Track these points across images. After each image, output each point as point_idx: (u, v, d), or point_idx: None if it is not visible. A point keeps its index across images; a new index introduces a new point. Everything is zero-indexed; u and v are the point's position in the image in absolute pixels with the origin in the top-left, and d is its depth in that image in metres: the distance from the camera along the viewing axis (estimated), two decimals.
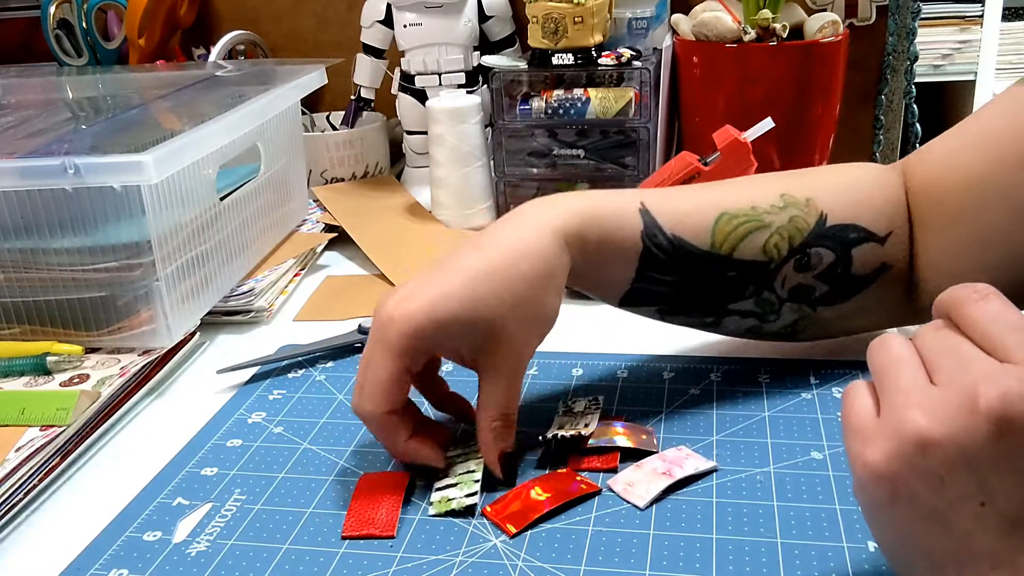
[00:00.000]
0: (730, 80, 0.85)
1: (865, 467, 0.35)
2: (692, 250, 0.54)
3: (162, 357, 0.66)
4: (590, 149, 0.90)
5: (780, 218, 0.55)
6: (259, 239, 0.82)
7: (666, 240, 0.54)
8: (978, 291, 0.36)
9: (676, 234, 0.54)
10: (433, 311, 0.48)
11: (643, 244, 0.54)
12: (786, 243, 0.55)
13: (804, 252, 0.55)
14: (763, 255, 0.55)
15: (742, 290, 0.56)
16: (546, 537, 0.46)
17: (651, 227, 0.54)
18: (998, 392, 0.32)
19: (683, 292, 0.56)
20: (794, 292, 0.56)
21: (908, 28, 0.97)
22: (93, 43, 1.18)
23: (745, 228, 0.55)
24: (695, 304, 0.57)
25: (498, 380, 0.50)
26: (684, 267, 0.55)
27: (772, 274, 0.56)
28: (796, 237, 0.55)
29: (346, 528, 0.48)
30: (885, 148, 1.03)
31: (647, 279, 0.55)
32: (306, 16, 1.18)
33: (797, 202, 0.56)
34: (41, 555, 0.48)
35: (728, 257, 0.55)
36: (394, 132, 1.11)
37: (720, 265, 0.55)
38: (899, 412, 0.34)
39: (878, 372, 0.36)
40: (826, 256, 0.55)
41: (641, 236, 0.54)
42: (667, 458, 0.51)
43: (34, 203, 0.63)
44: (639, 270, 0.54)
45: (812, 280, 0.56)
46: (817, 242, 0.55)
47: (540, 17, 0.85)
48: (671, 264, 0.55)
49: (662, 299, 0.57)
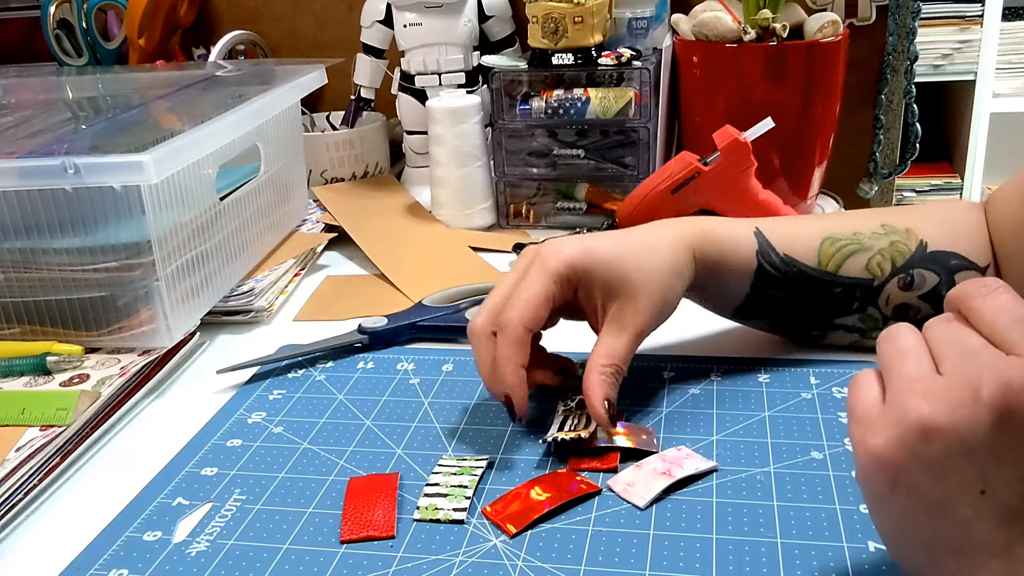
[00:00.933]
0: (730, 80, 0.85)
1: (867, 453, 0.35)
2: (802, 268, 0.59)
3: (162, 357, 0.66)
4: (590, 149, 0.90)
5: (881, 242, 0.59)
6: (259, 239, 0.82)
7: (778, 259, 0.59)
8: (987, 285, 0.36)
9: (787, 253, 0.59)
10: (590, 250, 0.54)
11: (758, 261, 0.59)
12: (889, 263, 0.58)
13: (908, 272, 0.58)
14: (867, 273, 0.58)
15: (848, 305, 0.59)
16: (546, 537, 0.46)
17: (765, 247, 0.59)
18: (1001, 383, 0.32)
19: (792, 306, 0.60)
20: (898, 311, 0.59)
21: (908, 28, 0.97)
22: (93, 43, 1.18)
23: (848, 249, 0.59)
24: (803, 318, 0.61)
25: (620, 334, 0.54)
26: (794, 283, 0.59)
27: (876, 291, 0.59)
28: (898, 259, 0.58)
29: (344, 533, 0.48)
30: (885, 148, 1.03)
31: (760, 294, 0.59)
32: (306, 16, 1.18)
33: (897, 230, 0.59)
34: (41, 555, 0.48)
35: (834, 274, 0.59)
36: (394, 132, 1.11)
37: (827, 281, 0.59)
38: (903, 400, 0.34)
39: (885, 361, 0.37)
40: (930, 278, 0.58)
41: (756, 254, 0.59)
42: (667, 458, 0.51)
43: (34, 203, 0.63)
44: (753, 285, 0.59)
45: (916, 300, 0.59)
46: (920, 264, 0.58)
47: (540, 17, 0.86)
48: (783, 281, 0.59)
49: (772, 313, 0.61)
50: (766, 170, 0.81)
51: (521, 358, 0.53)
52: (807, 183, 0.90)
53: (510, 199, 0.93)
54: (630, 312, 0.54)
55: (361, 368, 0.65)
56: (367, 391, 0.62)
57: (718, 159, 0.75)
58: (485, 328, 0.54)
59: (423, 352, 0.67)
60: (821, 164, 0.90)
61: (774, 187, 0.79)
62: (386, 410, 0.59)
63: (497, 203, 0.93)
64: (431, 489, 0.50)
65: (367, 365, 0.66)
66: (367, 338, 0.68)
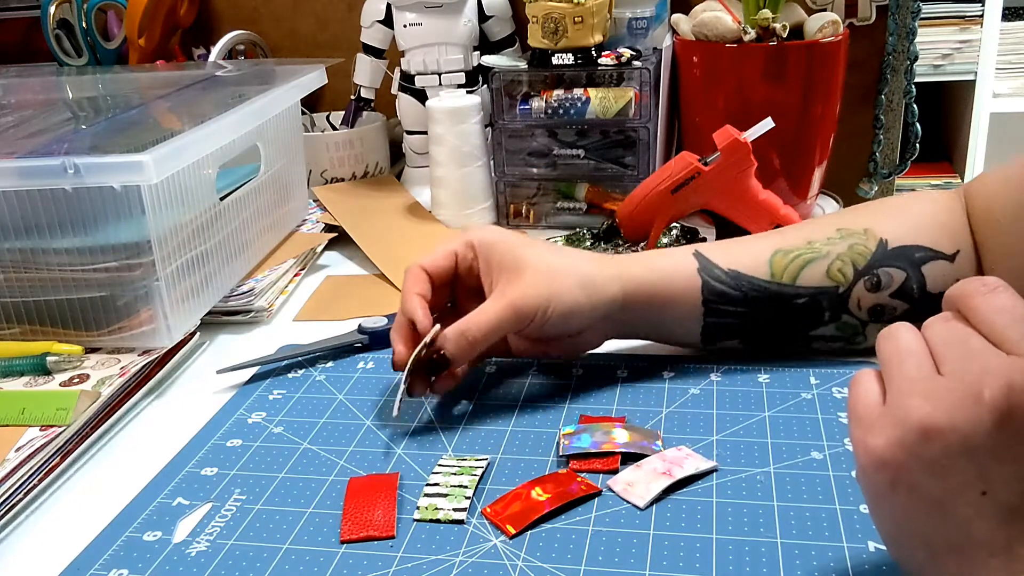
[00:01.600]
0: (730, 80, 0.85)
1: (867, 453, 0.35)
2: (753, 281, 0.58)
3: (162, 357, 0.66)
4: (590, 149, 0.90)
5: (839, 247, 0.58)
6: (259, 239, 0.82)
7: (723, 273, 0.58)
8: (987, 284, 0.36)
9: (732, 268, 0.58)
10: (505, 233, 0.59)
11: (700, 279, 0.58)
12: (850, 267, 0.57)
13: (872, 273, 0.57)
14: (829, 280, 0.58)
15: (819, 316, 0.58)
16: (546, 537, 0.46)
17: (706, 264, 0.59)
18: (1002, 383, 0.32)
19: (757, 322, 0.59)
20: (873, 313, 0.58)
21: (908, 28, 0.97)
22: (93, 43, 1.18)
23: (802, 260, 0.58)
24: (773, 334, 0.60)
25: (492, 302, 0.56)
26: (749, 297, 0.58)
27: (844, 298, 0.58)
28: (859, 261, 0.57)
29: (345, 533, 0.48)
30: (885, 148, 1.03)
31: (716, 312, 0.59)
32: (306, 16, 1.18)
33: (855, 232, 0.58)
34: (41, 555, 0.48)
35: (792, 285, 0.58)
36: (394, 132, 1.11)
37: (786, 294, 0.58)
38: (903, 400, 0.34)
39: (885, 361, 0.37)
40: (896, 275, 0.57)
41: (697, 271, 0.58)
42: (667, 458, 0.51)
43: (34, 203, 0.63)
44: (705, 303, 0.58)
45: (888, 299, 0.58)
46: (884, 262, 0.57)
47: (540, 17, 0.85)
48: (736, 296, 0.58)
49: (739, 332, 0.60)
50: (766, 170, 0.81)
51: (416, 287, 0.58)
52: (807, 183, 0.90)
53: (510, 199, 0.93)
54: (511, 286, 0.56)
55: (361, 368, 0.65)
56: (367, 391, 0.62)
57: (718, 159, 0.75)
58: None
59: None
60: (821, 164, 0.90)
61: (774, 187, 0.79)
62: (386, 410, 0.59)
63: (497, 203, 0.93)
64: (431, 489, 0.50)
65: (367, 365, 0.66)
66: (367, 338, 0.68)
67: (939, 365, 0.35)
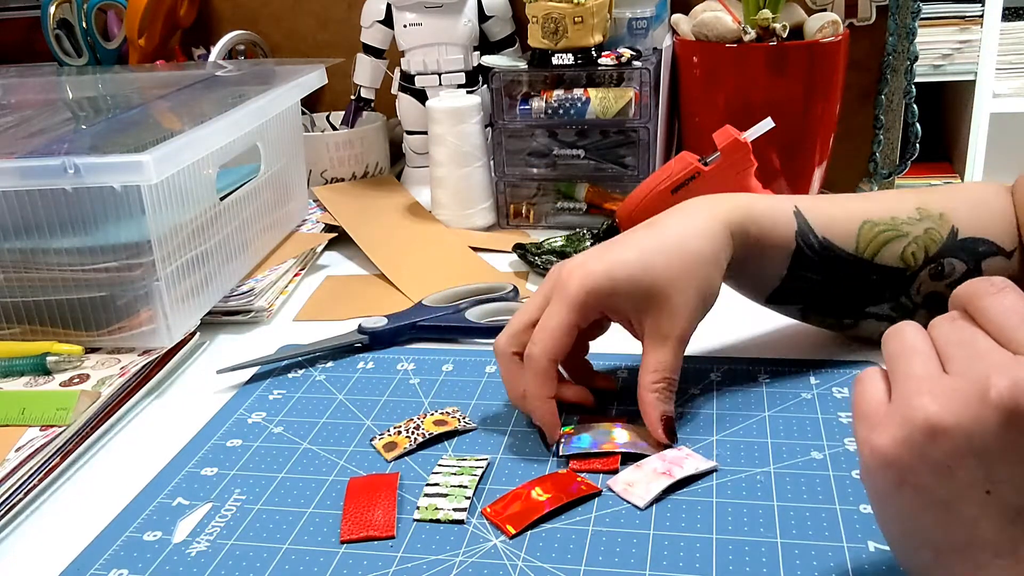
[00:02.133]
0: (730, 80, 0.85)
1: (872, 452, 0.35)
2: (839, 253, 0.58)
3: (162, 357, 0.66)
4: (590, 149, 0.90)
5: (916, 229, 0.58)
6: (259, 239, 0.82)
7: (816, 242, 0.58)
8: (994, 284, 0.36)
9: (826, 237, 0.58)
10: (611, 271, 0.53)
11: (796, 243, 0.57)
12: (922, 252, 0.58)
13: (939, 262, 0.58)
14: (901, 262, 0.58)
15: (881, 293, 0.59)
16: (546, 537, 0.46)
17: (804, 228, 0.58)
18: (1009, 383, 0.32)
19: (826, 292, 0.60)
20: (928, 300, 0.59)
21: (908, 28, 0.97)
22: (93, 43, 1.18)
23: (885, 236, 0.58)
24: (836, 305, 0.61)
25: (663, 344, 0.53)
26: (830, 268, 0.58)
27: (909, 280, 0.59)
28: (931, 247, 0.58)
29: (344, 533, 0.47)
30: (885, 148, 1.03)
31: (796, 277, 0.59)
32: (306, 16, 1.18)
33: (932, 215, 0.59)
34: (41, 555, 0.48)
35: (870, 262, 0.58)
36: (394, 132, 1.11)
37: (863, 268, 0.58)
38: (909, 399, 0.34)
39: (891, 360, 0.37)
40: (959, 267, 0.58)
41: (795, 235, 0.57)
42: (667, 458, 0.51)
43: (34, 203, 0.63)
44: (791, 268, 0.58)
45: (945, 289, 0.59)
46: (950, 253, 0.58)
47: (540, 17, 0.86)
48: (819, 264, 0.58)
49: (806, 298, 0.60)
50: (766, 170, 0.81)
51: (548, 390, 0.53)
52: (807, 183, 0.90)
53: (510, 199, 0.93)
54: (666, 321, 0.53)
55: (361, 368, 0.65)
56: (367, 391, 0.62)
57: (718, 159, 0.75)
58: (507, 349, 0.55)
59: (423, 352, 0.67)
60: (821, 164, 0.90)
61: (774, 187, 0.79)
62: (386, 410, 0.59)
63: (497, 203, 0.93)
64: (431, 489, 0.50)
65: (367, 365, 0.66)
66: (367, 338, 0.68)
67: (946, 364, 0.35)
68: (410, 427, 0.56)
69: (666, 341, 0.53)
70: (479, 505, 0.49)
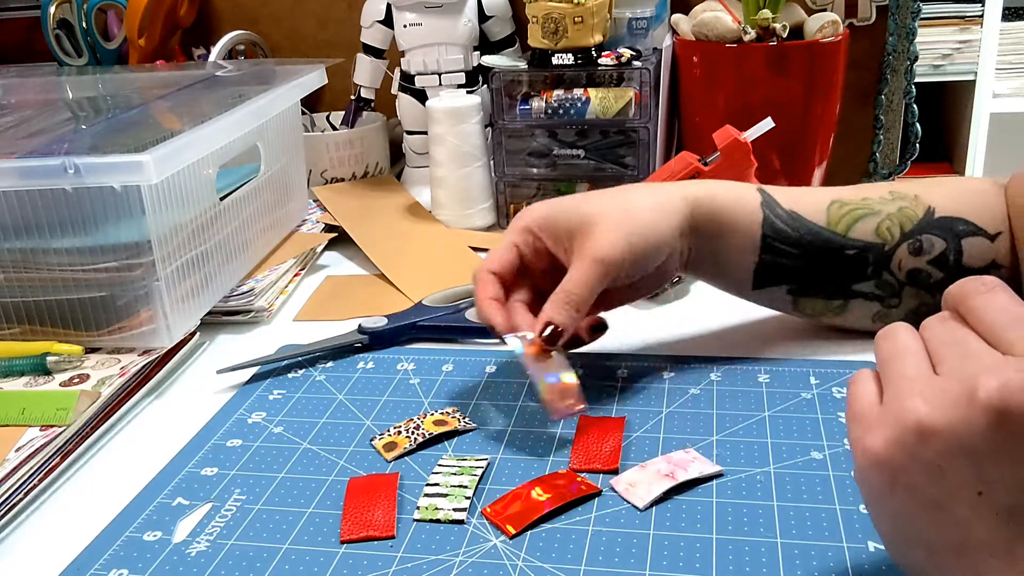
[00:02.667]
0: (730, 80, 0.85)
1: (865, 453, 0.35)
2: (810, 226, 0.60)
3: (162, 357, 0.66)
4: (590, 149, 0.90)
5: (890, 207, 0.60)
6: (259, 239, 0.82)
7: (784, 212, 0.60)
8: (985, 284, 0.36)
9: (793, 209, 0.60)
10: (553, 203, 0.59)
11: (763, 213, 0.59)
12: (897, 227, 0.59)
13: (915, 237, 0.59)
14: (876, 237, 0.59)
15: (863, 268, 0.60)
16: (546, 537, 0.46)
17: (769, 202, 0.60)
18: (997, 383, 0.32)
19: (808, 269, 0.60)
20: (911, 276, 0.60)
21: (908, 28, 0.97)
22: (93, 43, 1.18)
23: (857, 213, 0.59)
24: (822, 284, 0.61)
25: (579, 263, 0.56)
26: (805, 241, 0.60)
27: (888, 256, 0.59)
28: (906, 224, 0.59)
29: (344, 533, 0.47)
30: (885, 148, 1.03)
31: (772, 249, 0.60)
32: (306, 16, 1.18)
33: (905, 196, 0.60)
34: (41, 555, 0.48)
35: (844, 236, 0.59)
36: (394, 132, 1.11)
37: (837, 243, 0.60)
38: (901, 400, 0.34)
39: (883, 361, 0.37)
40: (937, 243, 0.59)
41: (760, 206, 0.60)
42: (672, 460, 0.51)
43: (34, 203, 0.63)
44: (764, 237, 0.60)
45: (926, 266, 0.59)
46: (927, 230, 0.59)
47: (540, 17, 0.85)
48: (792, 236, 0.60)
49: (791, 276, 0.61)
50: (766, 170, 0.81)
51: (486, 293, 0.58)
52: (807, 183, 0.90)
53: (510, 199, 0.93)
54: (589, 242, 0.56)
55: (361, 368, 0.65)
56: (367, 391, 0.62)
57: (718, 159, 0.75)
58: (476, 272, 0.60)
59: (423, 352, 0.67)
60: (821, 164, 0.90)
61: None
62: (386, 410, 0.59)
63: (497, 203, 0.93)
64: (431, 489, 0.50)
65: (367, 365, 0.66)
66: (367, 338, 0.68)
67: (937, 365, 0.35)
68: (410, 427, 0.56)
69: (582, 261, 0.56)
70: (479, 505, 0.49)
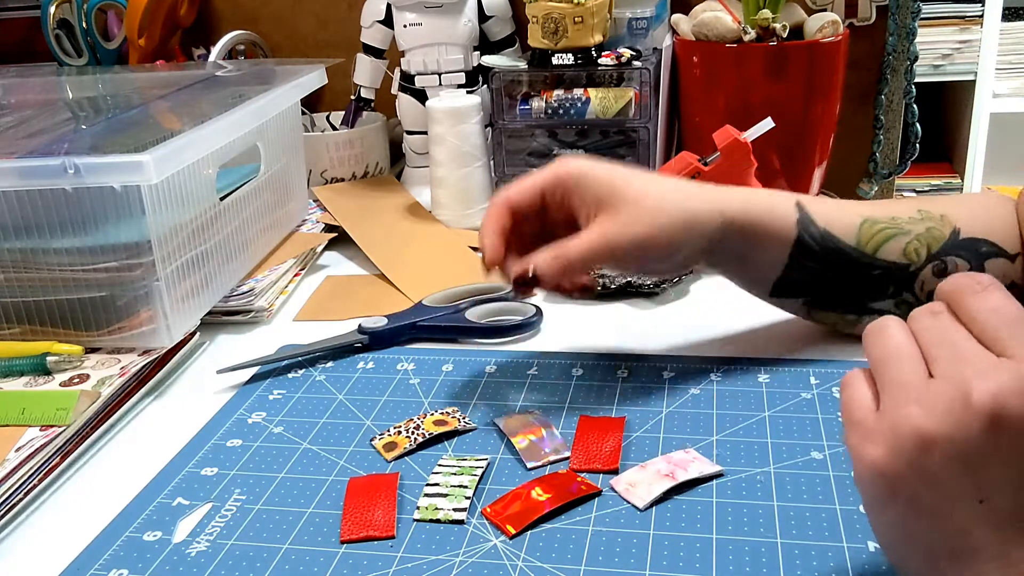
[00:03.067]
0: (730, 80, 0.85)
1: (864, 462, 0.35)
2: (840, 245, 0.59)
3: (162, 357, 0.66)
4: (590, 149, 0.90)
5: (918, 227, 0.59)
6: (259, 239, 0.82)
7: (818, 232, 0.59)
8: (980, 282, 0.36)
9: (827, 228, 0.59)
10: (596, 164, 0.58)
11: (797, 231, 0.59)
12: (924, 248, 0.59)
13: (941, 259, 0.59)
14: (904, 257, 0.59)
15: (884, 289, 0.60)
16: (546, 537, 0.46)
17: (805, 219, 0.59)
18: (991, 388, 0.32)
19: (829, 285, 0.60)
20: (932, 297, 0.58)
21: (908, 28, 0.97)
22: (93, 43, 1.18)
23: (886, 233, 0.59)
24: (839, 299, 0.61)
25: (588, 235, 0.56)
26: (832, 260, 0.59)
27: (912, 277, 0.59)
28: (933, 245, 0.59)
29: (344, 533, 0.48)
30: (885, 148, 1.03)
31: (798, 267, 0.60)
32: (306, 16, 1.18)
33: (933, 216, 0.60)
34: (41, 555, 0.48)
35: (872, 256, 0.59)
36: (394, 132, 1.11)
37: (865, 263, 0.59)
38: (898, 408, 0.34)
39: (877, 362, 0.37)
40: (961, 265, 0.59)
41: (796, 223, 0.59)
42: (673, 460, 0.51)
43: (34, 203, 0.63)
44: (792, 256, 0.59)
45: None
46: (953, 251, 0.59)
47: (540, 17, 0.85)
48: (820, 255, 0.59)
49: (809, 290, 0.61)
50: (766, 170, 0.81)
51: (495, 225, 0.58)
52: (807, 183, 0.90)
53: None
54: (610, 221, 0.56)
55: (361, 368, 0.65)
56: (367, 391, 0.62)
57: (718, 159, 0.75)
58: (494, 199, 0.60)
59: (423, 352, 0.67)
60: (821, 164, 0.90)
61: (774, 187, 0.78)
62: (386, 410, 0.59)
63: None
64: (431, 489, 0.50)
65: (367, 365, 0.66)
66: (367, 338, 0.68)
67: (930, 365, 0.35)
68: (410, 427, 0.56)
69: (594, 234, 0.56)
70: (479, 505, 0.49)
